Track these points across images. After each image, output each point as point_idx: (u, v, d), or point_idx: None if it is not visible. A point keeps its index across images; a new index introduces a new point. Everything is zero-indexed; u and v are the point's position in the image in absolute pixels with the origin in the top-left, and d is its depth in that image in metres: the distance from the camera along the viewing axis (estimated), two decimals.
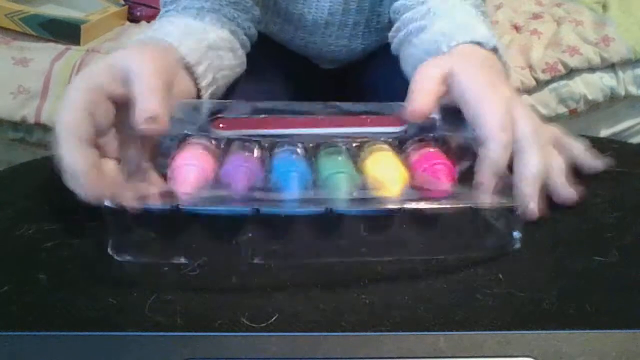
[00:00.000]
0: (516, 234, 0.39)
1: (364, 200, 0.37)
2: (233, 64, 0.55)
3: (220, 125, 0.42)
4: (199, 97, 0.49)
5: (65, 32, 1.21)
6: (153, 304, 0.36)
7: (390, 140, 0.42)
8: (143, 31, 0.51)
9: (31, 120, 1.11)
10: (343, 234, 0.39)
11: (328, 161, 0.40)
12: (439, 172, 0.39)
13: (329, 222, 0.38)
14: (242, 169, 0.38)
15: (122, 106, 0.39)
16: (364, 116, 0.44)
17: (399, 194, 0.37)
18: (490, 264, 0.39)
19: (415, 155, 0.41)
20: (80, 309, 0.36)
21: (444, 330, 0.34)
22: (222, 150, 0.41)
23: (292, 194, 0.37)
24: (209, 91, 0.50)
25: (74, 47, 1.19)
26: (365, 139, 0.42)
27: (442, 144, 0.42)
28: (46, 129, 1.12)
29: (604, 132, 1.37)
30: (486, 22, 0.54)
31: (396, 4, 0.60)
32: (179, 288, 0.38)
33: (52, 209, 0.45)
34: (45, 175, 0.50)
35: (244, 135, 0.42)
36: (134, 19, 1.37)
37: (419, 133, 0.43)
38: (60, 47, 1.19)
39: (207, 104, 0.45)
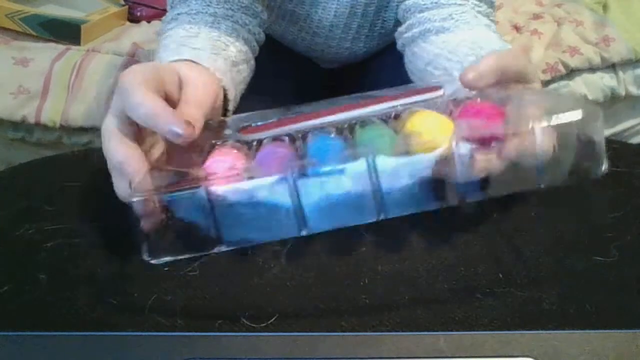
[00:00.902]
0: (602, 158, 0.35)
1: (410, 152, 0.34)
2: (248, 75, 0.55)
3: (249, 131, 0.41)
4: (224, 116, 0.49)
5: (65, 32, 1.20)
6: (153, 304, 0.36)
7: (428, 105, 0.40)
8: (168, 43, 0.50)
9: (31, 120, 1.10)
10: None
11: (365, 132, 0.38)
12: (489, 114, 0.36)
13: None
14: (275, 155, 0.37)
15: None
16: (394, 93, 0.41)
17: (448, 142, 0.34)
18: (490, 263, 0.39)
19: (459, 109, 0.39)
20: (80, 309, 0.36)
21: (444, 330, 0.34)
22: (254, 150, 0.39)
23: (331, 160, 0.35)
24: (232, 109, 0.50)
25: (74, 47, 1.19)
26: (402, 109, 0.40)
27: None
28: (46, 128, 1.12)
29: (604, 132, 1.37)
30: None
31: (407, 3, 0.60)
32: (179, 288, 0.38)
33: (52, 209, 0.45)
34: (45, 175, 0.50)
35: (274, 134, 0.40)
36: (134, 19, 1.37)
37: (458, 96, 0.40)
38: (61, 47, 1.18)
39: (230, 119, 0.45)
